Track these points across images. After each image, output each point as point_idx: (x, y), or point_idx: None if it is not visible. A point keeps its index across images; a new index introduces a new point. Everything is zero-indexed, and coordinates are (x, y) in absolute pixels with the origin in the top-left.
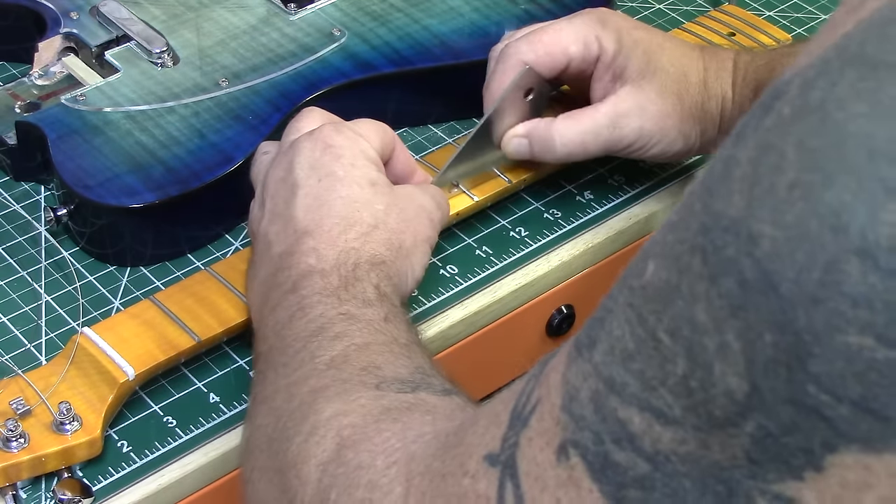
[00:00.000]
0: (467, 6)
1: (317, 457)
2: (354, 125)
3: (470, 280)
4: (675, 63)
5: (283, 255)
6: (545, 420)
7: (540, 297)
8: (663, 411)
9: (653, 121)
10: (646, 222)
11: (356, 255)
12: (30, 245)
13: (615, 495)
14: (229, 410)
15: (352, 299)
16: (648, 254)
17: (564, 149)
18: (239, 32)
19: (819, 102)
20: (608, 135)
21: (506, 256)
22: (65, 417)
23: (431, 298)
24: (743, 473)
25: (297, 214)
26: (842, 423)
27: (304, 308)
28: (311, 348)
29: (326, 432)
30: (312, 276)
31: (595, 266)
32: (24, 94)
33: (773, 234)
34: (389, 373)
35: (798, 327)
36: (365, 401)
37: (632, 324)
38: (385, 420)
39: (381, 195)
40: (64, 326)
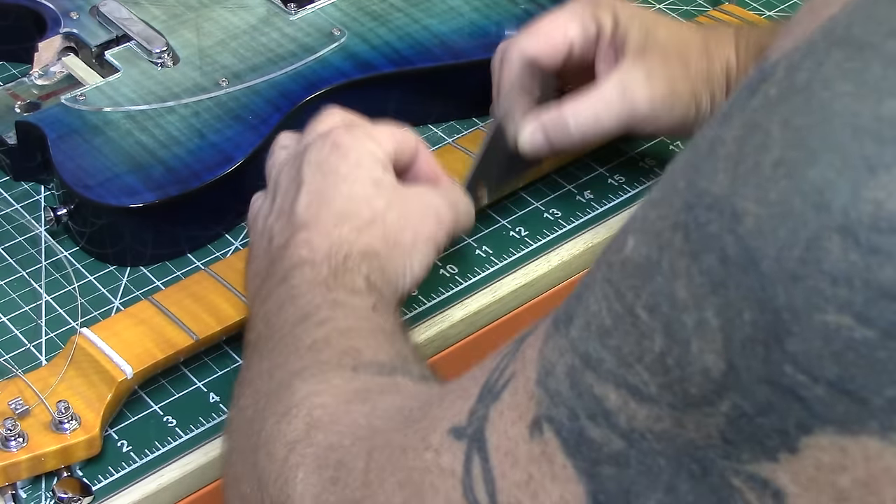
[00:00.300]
0: (467, 6)
1: (286, 436)
2: (369, 128)
3: (470, 280)
4: (672, 36)
5: (279, 248)
6: (518, 394)
7: (540, 297)
8: (639, 388)
9: (662, 85)
10: None
11: (348, 247)
12: (30, 245)
13: (589, 471)
14: (229, 410)
15: (340, 287)
16: (628, 230)
17: (579, 129)
18: (239, 32)
19: (805, 83)
20: (620, 105)
21: (506, 256)
22: (63, 416)
23: (431, 298)
24: (717, 453)
25: (298, 210)
26: (817, 404)
27: (293, 297)
28: (297, 333)
29: (298, 412)
30: (303, 267)
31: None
32: (24, 94)
33: (757, 211)
34: (368, 356)
35: (777, 305)
36: (339, 381)
37: (609, 299)
38: (355, 401)
39: (383, 193)
40: (64, 326)
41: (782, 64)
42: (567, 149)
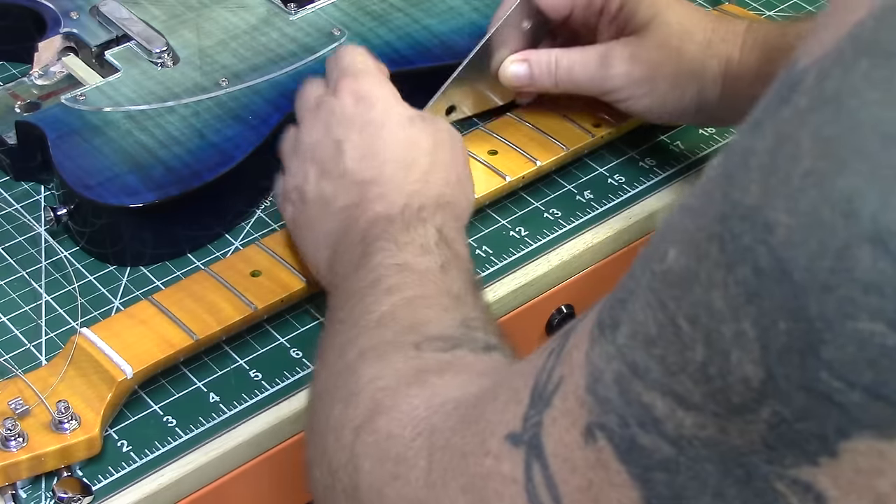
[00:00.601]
0: (467, 6)
1: (352, 420)
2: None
3: None
4: (681, 21)
5: (348, 207)
6: (569, 400)
7: (540, 297)
8: (684, 397)
9: (643, 69)
10: (646, 222)
11: (421, 196)
12: (30, 245)
13: (643, 477)
14: (229, 410)
15: (409, 244)
16: (669, 239)
17: (559, 74)
18: (239, 32)
19: (834, 92)
20: (594, 71)
21: (506, 256)
22: (63, 416)
23: None
24: (761, 458)
25: (351, 166)
26: (854, 410)
27: (366, 255)
28: (367, 302)
29: (363, 397)
30: (378, 223)
31: (595, 266)
32: (24, 94)
33: (788, 222)
34: (433, 330)
35: (810, 314)
36: (401, 364)
37: (653, 309)
38: (415, 384)
39: (421, 131)
40: (64, 326)
41: (812, 71)
42: (545, 90)
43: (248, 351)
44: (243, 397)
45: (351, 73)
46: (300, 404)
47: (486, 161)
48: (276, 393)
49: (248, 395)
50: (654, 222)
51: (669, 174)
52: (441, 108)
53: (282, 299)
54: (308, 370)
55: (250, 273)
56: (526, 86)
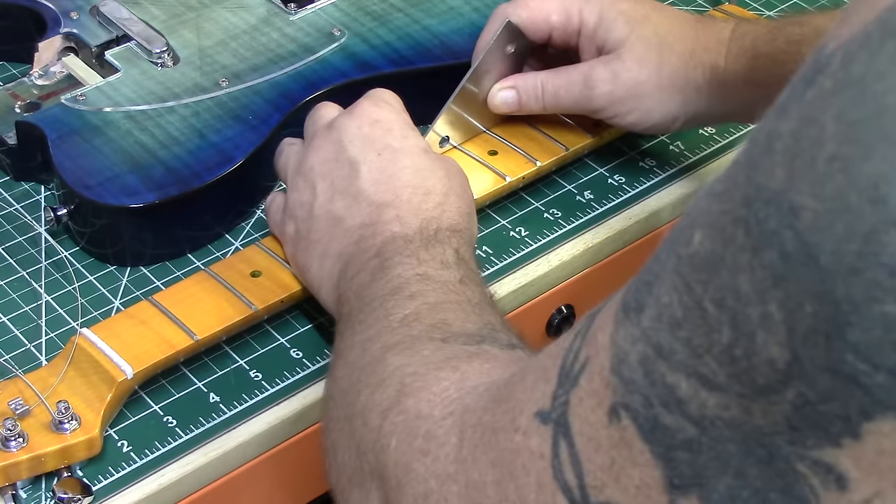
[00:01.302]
0: (467, 6)
1: (380, 405)
2: (382, 97)
3: None
4: (659, 33)
5: (362, 226)
6: (595, 381)
7: (540, 297)
8: (709, 378)
9: (625, 87)
10: (646, 222)
11: (437, 222)
12: (30, 245)
13: (665, 456)
14: (229, 410)
15: (430, 260)
16: (695, 223)
17: (545, 98)
18: (239, 32)
19: (860, 75)
20: (578, 93)
21: (506, 256)
22: (63, 417)
23: None
24: (783, 439)
25: (366, 188)
26: (878, 391)
27: (384, 269)
28: (388, 307)
29: (391, 382)
30: (396, 241)
31: (595, 266)
32: (24, 94)
33: (814, 206)
34: (457, 328)
35: (837, 297)
36: (428, 352)
37: (679, 292)
38: (445, 368)
39: (435, 161)
40: (64, 326)
41: (838, 55)
42: (533, 113)
43: (248, 351)
44: (243, 397)
45: (372, 98)
46: (300, 404)
47: (486, 161)
48: (276, 393)
49: (248, 395)
50: (654, 223)
51: (669, 174)
52: (435, 141)
53: (282, 300)
54: (308, 370)
55: (250, 273)
56: (515, 111)
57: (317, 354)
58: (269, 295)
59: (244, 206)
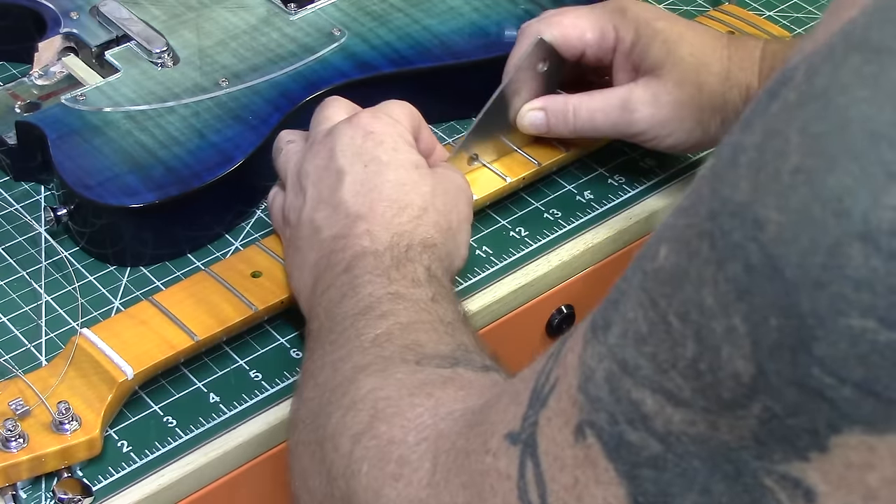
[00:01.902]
0: (467, 6)
1: (351, 429)
2: (387, 110)
3: (470, 280)
4: (695, 53)
5: (335, 238)
6: (563, 400)
7: (540, 297)
8: (674, 393)
9: (666, 110)
10: (646, 222)
11: (409, 237)
12: (30, 245)
13: (629, 474)
14: (229, 410)
15: (401, 279)
16: (661, 238)
17: (577, 123)
18: (239, 32)
19: (823, 88)
20: (617, 117)
21: (506, 256)
22: (64, 417)
23: None
24: (750, 454)
25: (346, 199)
26: (845, 405)
27: (354, 287)
28: (358, 326)
29: (363, 405)
30: (366, 257)
31: (595, 266)
32: (24, 94)
33: (778, 219)
34: (430, 350)
35: (802, 311)
36: (402, 375)
37: (644, 307)
38: (419, 395)
39: (425, 178)
40: (64, 326)
41: (801, 68)
42: (562, 137)
43: (248, 351)
44: (243, 397)
45: (376, 109)
46: None
47: (486, 162)
48: (276, 393)
49: (248, 395)
50: (654, 222)
51: (669, 174)
52: (463, 158)
53: (282, 300)
54: None
55: (251, 274)
56: (543, 133)
57: None
58: (269, 295)
59: (244, 206)
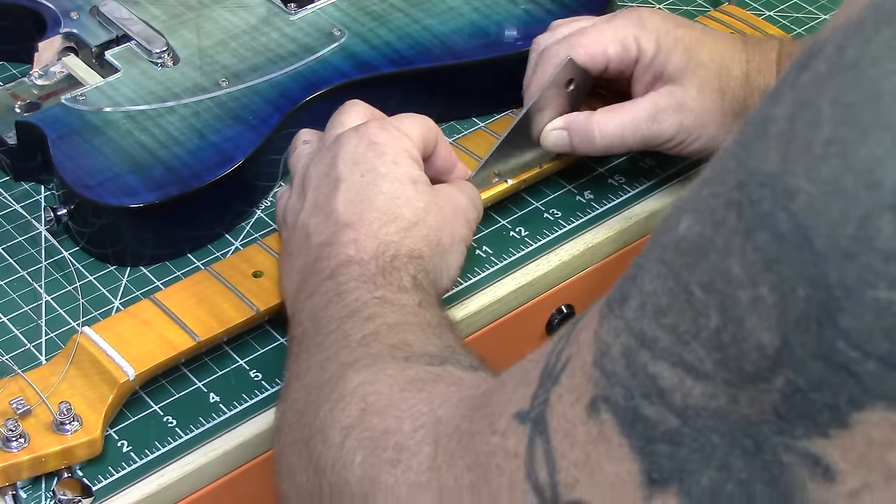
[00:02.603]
0: (467, 6)
1: (341, 422)
2: (399, 122)
3: (470, 280)
4: (715, 59)
5: (321, 245)
6: (576, 377)
7: (540, 297)
8: (694, 365)
9: (692, 117)
10: (646, 222)
11: (395, 247)
12: (30, 245)
13: (644, 450)
14: (229, 410)
15: (387, 285)
16: (682, 209)
17: (604, 141)
18: (239, 32)
19: (854, 60)
20: (646, 129)
21: (506, 256)
22: (65, 417)
23: None
24: (771, 429)
25: (338, 207)
26: (869, 379)
27: (340, 293)
28: (346, 328)
29: (352, 399)
30: (351, 265)
31: (595, 266)
32: (24, 94)
33: (809, 189)
34: (419, 348)
35: (830, 282)
36: (392, 371)
37: (664, 279)
38: (410, 389)
39: (421, 193)
40: (64, 326)
41: (832, 40)
42: (587, 154)
43: (248, 351)
44: (243, 397)
45: (387, 120)
46: None
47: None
48: (276, 393)
49: (248, 395)
50: (654, 223)
51: (669, 174)
52: (486, 176)
53: (283, 301)
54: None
55: (252, 274)
56: (567, 151)
57: None
58: (270, 296)
59: (244, 206)
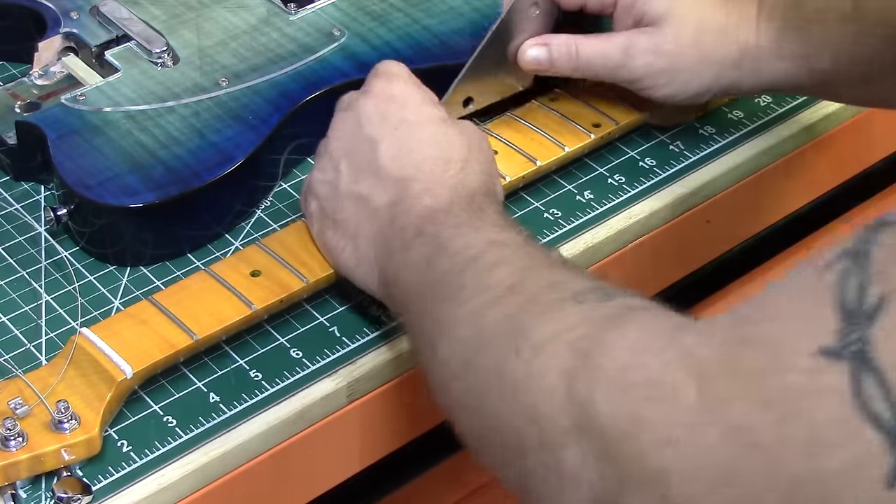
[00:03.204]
0: (467, 6)
1: (555, 368)
2: (391, 74)
3: None
4: (695, 10)
5: (391, 205)
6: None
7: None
8: None
9: (664, 60)
10: (646, 222)
11: (465, 188)
12: (30, 245)
13: None
14: (229, 410)
15: (487, 227)
16: None
17: (581, 60)
18: (239, 32)
19: None
20: (619, 61)
21: None
22: (63, 416)
23: None
24: None
25: (387, 164)
26: None
27: (442, 246)
28: (477, 277)
29: (557, 347)
30: (437, 216)
31: (595, 266)
32: (24, 94)
33: None
34: (577, 286)
35: None
36: (579, 314)
37: None
38: (616, 327)
39: (454, 130)
40: (63, 326)
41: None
42: (562, 74)
43: (248, 351)
44: (243, 397)
45: (383, 75)
46: (300, 404)
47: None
48: (276, 393)
49: (248, 395)
50: (654, 223)
51: (669, 174)
52: (457, 101)
53: (281, 299)
54: (308, 370)
55: (250, 273)
56: (545, 70)
57: (317, 354)
58: (268, 295)
59: (244, 206)
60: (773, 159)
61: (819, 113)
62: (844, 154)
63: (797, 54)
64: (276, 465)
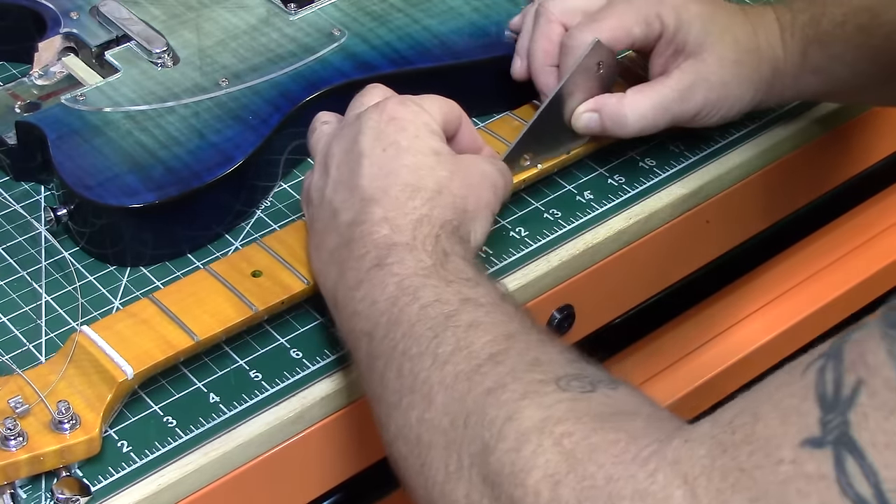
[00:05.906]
0: (467, 6)
1: (541, 468)
2: (420, 99)
3: None
4: (727, 31)
5: (351, 225)
6: (880, 394)
7: (540, 297)
8: None
9: (716, 90)
10: (646, 222)
11: (428, 221)
12: (30, 245)
13: None
14: (229, 410)
15: (456, 280)
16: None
17: (637, 124)
18: (239, 32)
19: None
20: (677, 108)
21: (506, 256)
22: (63, 416)
23: None
24: None
25: (362, 183)
26: None
27: (407, 292)
28: (454, 339)
29: (542, 441)
30: (397, 251)
31: (595, 266)
32: (24, 94)
33: None
34: (557, 368)
35: None
36: (565, 405)
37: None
38: (604, 429)
39: (444, 163)
40: (64, 326)
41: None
42: (619, 137)
43: (248, 351)
44: (243, 397)
45: (406, 97)
46: (300, 404)
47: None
48: (276, 393)
49: (248, 395)
50: (654, 223)
51: (669, 174)
52: (515, 160)
53: (282, 301)
54: (308, 370)
55: (251, 273)
56: (598, 133)
57: (317, 354)
58: (269, 296)
59: (244, 206)
60: (772, 159)
61: (819, 113)
62: (844, 154)
63: (821, 68)
64: (276, 465)
